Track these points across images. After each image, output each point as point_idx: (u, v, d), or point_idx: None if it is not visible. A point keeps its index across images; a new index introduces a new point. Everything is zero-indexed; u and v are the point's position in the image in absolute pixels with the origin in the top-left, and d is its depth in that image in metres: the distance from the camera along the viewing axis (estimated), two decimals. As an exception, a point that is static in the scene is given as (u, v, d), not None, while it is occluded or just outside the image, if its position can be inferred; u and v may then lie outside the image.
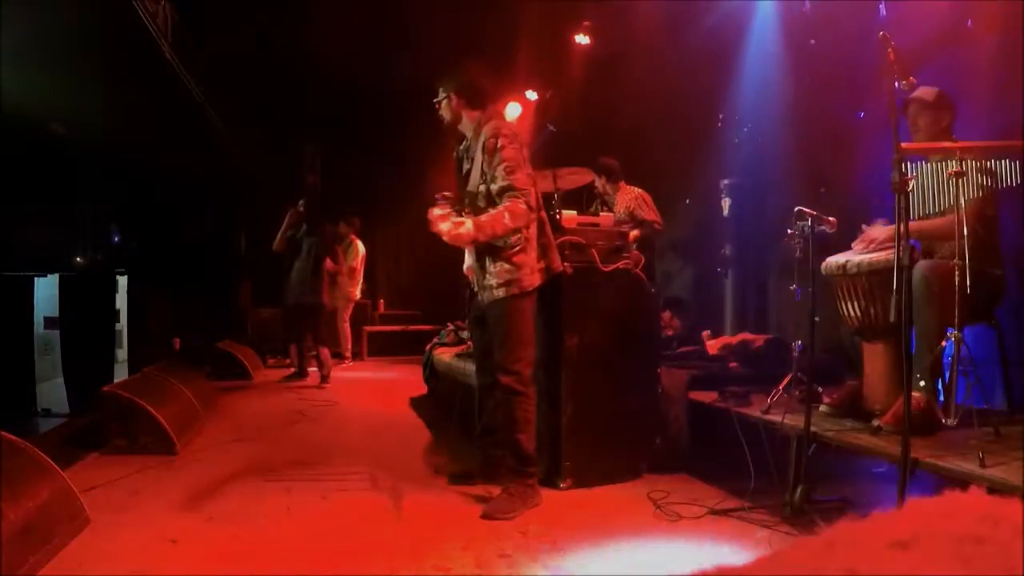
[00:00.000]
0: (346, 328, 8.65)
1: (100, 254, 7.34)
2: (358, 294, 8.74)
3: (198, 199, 8.40)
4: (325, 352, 6.83)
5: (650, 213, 5.50)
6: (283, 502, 3.06)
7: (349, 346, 8.71)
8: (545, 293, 3.19)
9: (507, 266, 3.02)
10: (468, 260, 3.25)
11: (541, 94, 7.51)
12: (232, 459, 3.84)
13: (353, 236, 8.71)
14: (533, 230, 3.09)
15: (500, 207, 2.96)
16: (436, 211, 3.04)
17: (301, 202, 6.99)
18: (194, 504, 3.00)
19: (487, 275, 3.07)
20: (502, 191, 2.97)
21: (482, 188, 3.05)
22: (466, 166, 3.21)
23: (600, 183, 5.62)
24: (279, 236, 6.89)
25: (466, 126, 3.21)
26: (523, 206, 2.93)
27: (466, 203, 3.12)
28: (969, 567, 0.53)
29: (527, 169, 3.06)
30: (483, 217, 2.96)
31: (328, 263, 7.00)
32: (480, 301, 3.17)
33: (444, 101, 3.20)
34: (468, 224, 2.94)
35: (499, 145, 2.99)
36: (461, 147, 3.30)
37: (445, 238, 2.97)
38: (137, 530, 2.65)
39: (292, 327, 7.16)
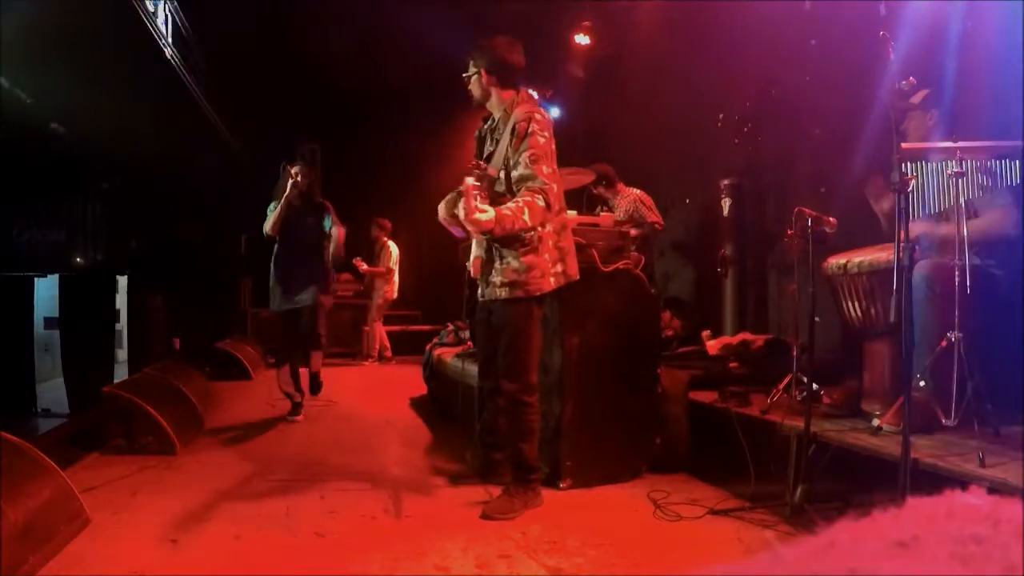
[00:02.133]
0: (377, 328, 8.76)
1: (100, 254, 7.33)
2: (395, 293, 8.79)
3: (198, 199, 8.40)
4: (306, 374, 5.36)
5: (650, 215, 5.51)
6: (283, 502, 3.06)
7: (377, 347, 8.77)
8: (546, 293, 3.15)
9: (515, 264, 2.89)
10: (476, 250, 3.06)
11: (541, 93, 7.52)
12: (232, 459, 3.84)
13: (385, 238, 8.73)
14: (550, 230, 2.93)
15: (520, 201, 2.75)
16: (471, 181, 2.71)
17: (297, 170, 4.93)
18: (194, 504, 3.00)
19: (494, 271, 2.96)
20: (521, 179, 2.81)
21: (503, 174, 2.90)
22: (488, 148, 3.05)
23: (599, 191, 5.64)
24: (274, 217, 4.92)
25: (494, 105, 3.04)
26: (541, 203, 2.76)
27: (483, 185, 2.89)
28: (969, 567, 0.53)
29: (552, 165, 2.90)
30: (505, 209, 2.72)
31: (361, 264, 5.96)
32: (482, 296, 3.08)
33: (474, 76, 3.02)
34: (490, 212, 2.67)
35: (530, 131, 2.83)
36: (485, 127, 3.13)
37: (465, 218, 2.67)
38: (137, 530, 2.65)
39: (290, 342, 5.21)
